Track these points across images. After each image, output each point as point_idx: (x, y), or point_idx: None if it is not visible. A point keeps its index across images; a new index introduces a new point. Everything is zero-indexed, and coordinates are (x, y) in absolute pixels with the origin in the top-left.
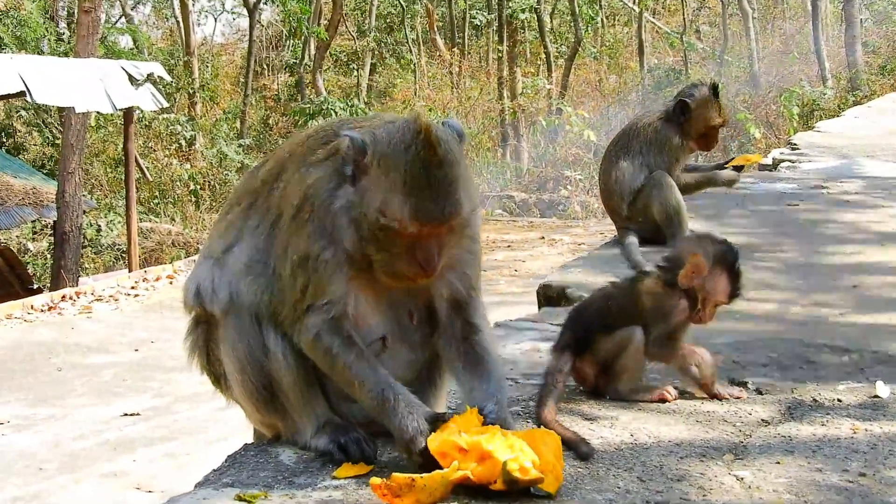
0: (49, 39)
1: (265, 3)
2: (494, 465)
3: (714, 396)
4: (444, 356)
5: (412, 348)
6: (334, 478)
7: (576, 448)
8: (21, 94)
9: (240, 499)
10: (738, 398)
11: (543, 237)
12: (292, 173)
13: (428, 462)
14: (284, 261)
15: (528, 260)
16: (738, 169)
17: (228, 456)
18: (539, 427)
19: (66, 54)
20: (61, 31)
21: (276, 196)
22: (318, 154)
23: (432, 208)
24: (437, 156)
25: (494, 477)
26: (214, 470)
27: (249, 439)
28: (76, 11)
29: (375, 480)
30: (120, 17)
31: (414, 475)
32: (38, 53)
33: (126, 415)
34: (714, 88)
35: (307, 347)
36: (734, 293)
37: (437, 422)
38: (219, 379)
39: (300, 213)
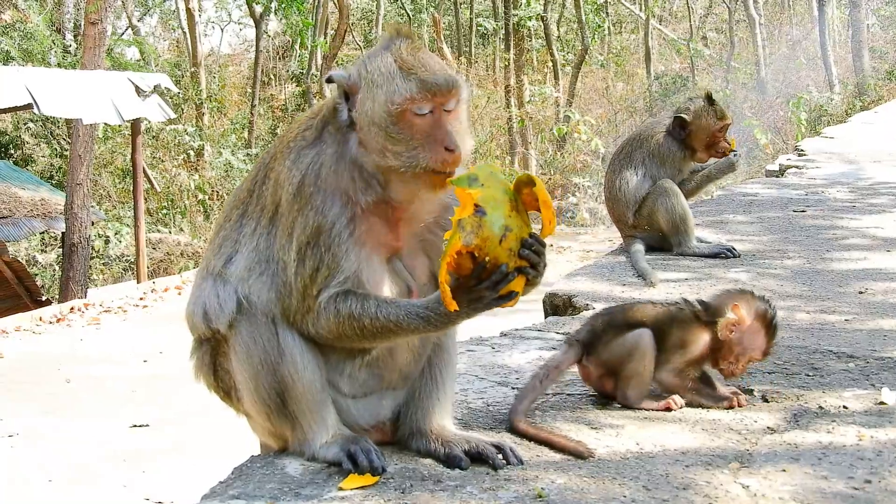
0: (56, 52)
1: (273, 14)
2: (466, 196)
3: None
4: None
5: None
6: (340, 489)
7: (567, 450)
8: (28, 107)
9: None
10: (741, 405)
11: (552, 245)
12: (280, 165)
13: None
14: (289, 248)
15: None
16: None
17: (235, 468)
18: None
19: (72, 66)
20: (68, 44)
21: (267, 193)
22: (299, 140)
23: (435, 79)
24: (418, 42)
25: (471, 197)
26: (221, 482)
27: (257, 451)
28: (83, 24)
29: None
30: (126, 29)
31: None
32: (45, 66)
33: (135, 426)
34: (709, 97)
35: (329, 328)
36: (768, 350)
37: None
38: (228, 392)
39: (302, 191)
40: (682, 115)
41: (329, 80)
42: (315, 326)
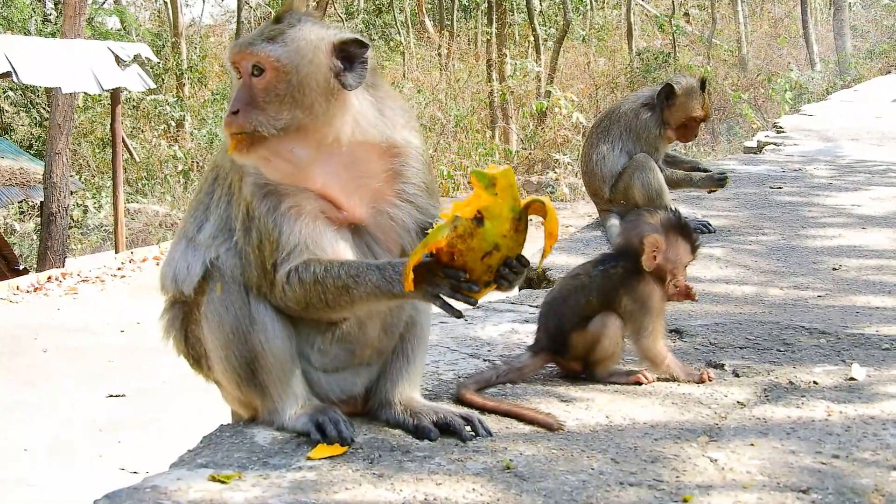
0: (36, 20)
1: None
2: (475, 196)
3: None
4: None
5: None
6: (309, 459)
7: (537, 423)
8: (7, 75)
9: (213, 479)
10: (710, 380)
11: (531, 219)
12: None
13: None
14: (237, 217)
15: None
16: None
17: (204, 437)
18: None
19: (52, 35)
20: (48, 12)
21: (227, 158)
22: None
23: (238, 42)
24: (277, 14)
25: (479, 201)
26: (189, 450)
27: (229, 421)
28: None
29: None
30: None
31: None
32: (25, 34)
33: (112, 396)
34: (703, 82)
35: (295, 298)
36: (695, 247)
37: None
38: (199, 360)
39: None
40: (673, 84)
41: None
42: (283, 300)
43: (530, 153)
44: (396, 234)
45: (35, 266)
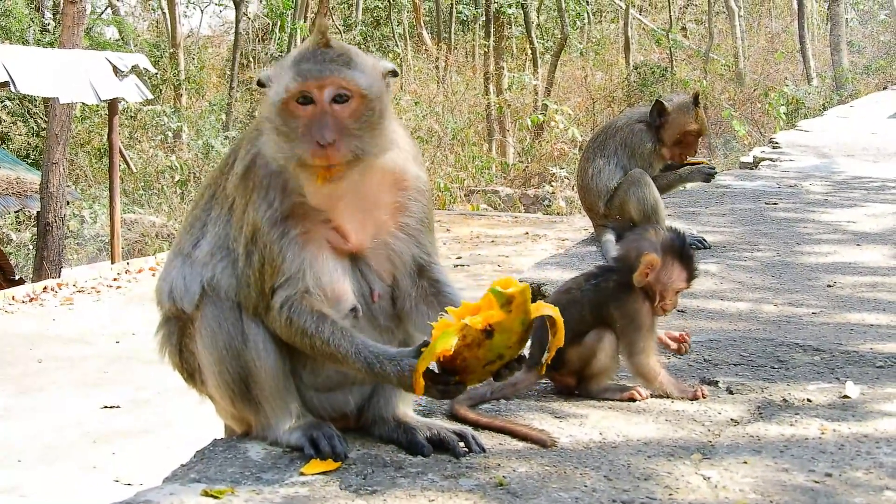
0: (34, 30)
1: None
2: (487, 303)
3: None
4: (414, 318)
5: (378, 333)
6: (302, 474)
7: (530, 439)
8: (5, 85)
9: (206, 494)
10: (704, 397)
11: (528, 233)
12: (241, 152)
13: (435, 374)
14: (239, 240)
15: (512, 255)
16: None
17: (197, 451)
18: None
19: (50, 45)
20: (46, 22)
21: (229, 179)
22: (254, 131)
23: (311, 67)
24: (325, 38)
25: (492, 316)
26: (182, 465)
27: (222, 435)
28: (61, 2)
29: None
30: (106, 9)
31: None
32: (23, 44)
33: (106, 407)
34: (696, 97)
35: (282, 332)
36: (691, 276)
37: (421, 348)
38: (192, 374)
39: (243, 184)
40: (663, 101)
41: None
42: (273, 326)
43: (527, 166)
44: (391, 265)
45: (31, 276)
